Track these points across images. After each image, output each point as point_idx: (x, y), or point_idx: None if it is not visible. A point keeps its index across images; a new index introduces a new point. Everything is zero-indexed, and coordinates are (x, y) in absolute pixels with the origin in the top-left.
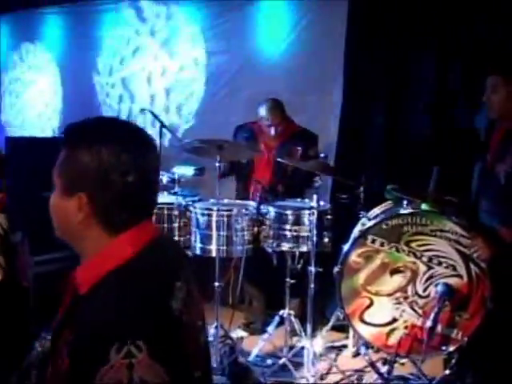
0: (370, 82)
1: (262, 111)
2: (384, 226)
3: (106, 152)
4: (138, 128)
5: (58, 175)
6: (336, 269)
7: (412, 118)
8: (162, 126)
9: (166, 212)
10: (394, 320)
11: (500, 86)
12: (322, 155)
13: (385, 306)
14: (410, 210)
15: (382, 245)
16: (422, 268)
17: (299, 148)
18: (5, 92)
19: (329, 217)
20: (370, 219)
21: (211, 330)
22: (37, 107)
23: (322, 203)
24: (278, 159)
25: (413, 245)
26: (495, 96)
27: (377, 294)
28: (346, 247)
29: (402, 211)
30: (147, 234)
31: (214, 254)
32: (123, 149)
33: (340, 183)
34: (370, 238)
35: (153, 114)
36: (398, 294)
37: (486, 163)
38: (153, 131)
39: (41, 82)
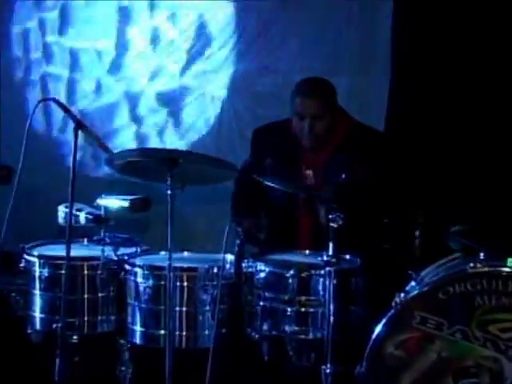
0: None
1: (298, 103)
2: (442, 296)
3: None
4: None
5: None
6: (360, 368)
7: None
8: (79, 126)
9: (85, 273)
10: None
11: None
12: (343, 176)
13: None
14: (487, 269)
15: (438, 328)
16: (510, 369)
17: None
18: None
19: (359, 280)
20: (420, 283)
21: None
22: None
23: (347, 257)
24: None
25: (491, 328)
26: None
27: None
28: (376, 332)
29: (473, 270)
30: None
31: (165, 344)
32: None
33: (383, 223)
34: (417, 315)
35: (61, 105)
36: None
37: None
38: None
39: None
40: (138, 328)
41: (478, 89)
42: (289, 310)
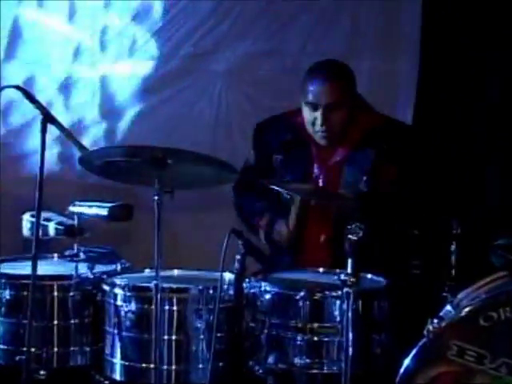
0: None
1: (310, 90)
2: (483, 323)
3: None
4: None
5: None
6: None
7: None
8: (47, 118)
9: (55, 295)
10: None
11: None
12: (365, 178)
13: None
14: None
15: (479, 360)
16: None
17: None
18: None
19: (384, 303)
20: (457, 307)
21: None
22: None
23: (369, 276)
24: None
25: None
26: None
27: None
28: (404, 365)
29: None
30: None
31: (151, 380)
32: None
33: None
34: (453, 346)
35: (26, 93)
36: None
37: None
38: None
39: None
40: (117, 361)
41: None
42: (299, 338)
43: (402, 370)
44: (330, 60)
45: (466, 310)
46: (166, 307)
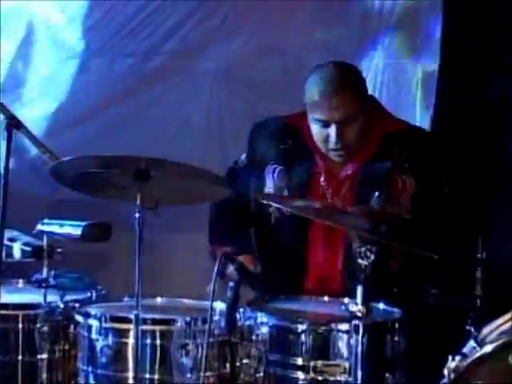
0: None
1: (318, 104)
2: None
3: None
4: None
5: None
6: None
7: None
8: (12, 123)
9: (20, 326)
10: None
11: None
12: (377, 194)
13: None
14: None
15: None
16: None
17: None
18: None
19: (398, 338)
20: (482, 343)
21: None
22: None
23: (380, 307)
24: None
25: None
26: None
27: None
28: None
29: None
30: None
31: None
32: None
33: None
34: None
35: None
36: None
37: None
38: None
39: None
40: None
41: None
42: (301, 378)
43: None
44: (333, 63)
45: (493, 346)
46: (148, 341)
